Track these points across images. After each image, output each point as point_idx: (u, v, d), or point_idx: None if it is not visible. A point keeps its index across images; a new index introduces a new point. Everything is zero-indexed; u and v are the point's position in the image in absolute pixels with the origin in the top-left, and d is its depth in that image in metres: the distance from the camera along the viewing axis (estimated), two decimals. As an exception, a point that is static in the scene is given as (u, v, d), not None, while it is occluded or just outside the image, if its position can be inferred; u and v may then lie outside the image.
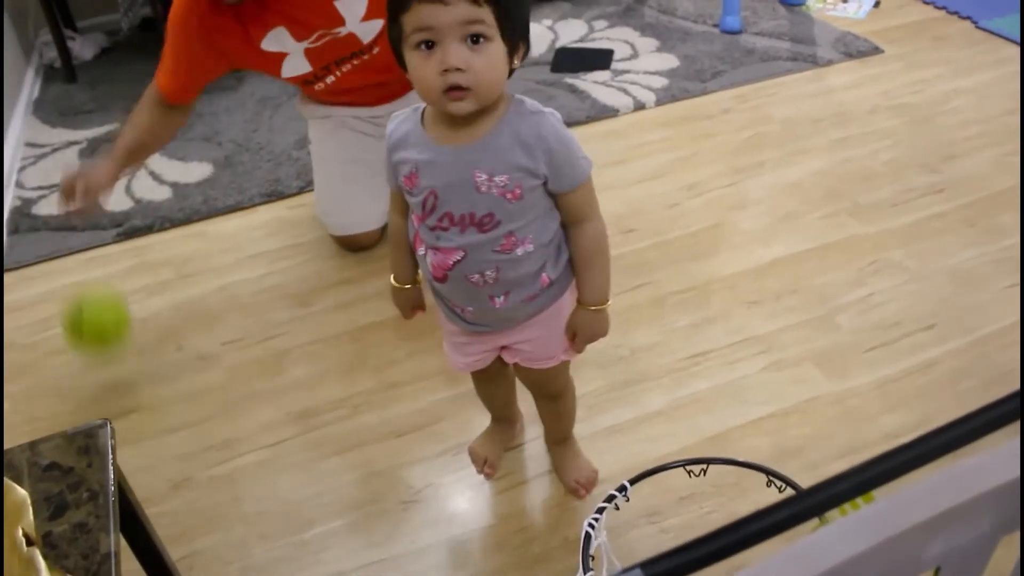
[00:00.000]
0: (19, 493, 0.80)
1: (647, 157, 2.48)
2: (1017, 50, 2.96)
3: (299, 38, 1.83)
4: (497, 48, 1.01)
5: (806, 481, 1.44)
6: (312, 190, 2.39)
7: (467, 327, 1.26)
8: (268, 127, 2.76)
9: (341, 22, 1.81)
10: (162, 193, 2.47)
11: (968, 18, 3.18)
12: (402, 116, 1.15)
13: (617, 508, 1.17)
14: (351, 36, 1.85)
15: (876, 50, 2.99)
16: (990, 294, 1.95)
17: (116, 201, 2.44)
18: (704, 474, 1.25)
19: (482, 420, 1.63)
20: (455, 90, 1.00)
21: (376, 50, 1.90)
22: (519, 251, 1.13)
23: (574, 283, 1.24)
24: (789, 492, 1.25)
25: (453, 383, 1.77)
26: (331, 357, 1.87)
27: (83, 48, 3.36)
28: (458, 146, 1.07)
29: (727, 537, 0.51)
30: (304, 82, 1.96)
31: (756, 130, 2.59)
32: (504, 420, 1.60)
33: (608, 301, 1.23)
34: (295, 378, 1.82)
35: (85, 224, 2.33)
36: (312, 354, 1.88)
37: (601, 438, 1.63)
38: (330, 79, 1.95)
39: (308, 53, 1.87)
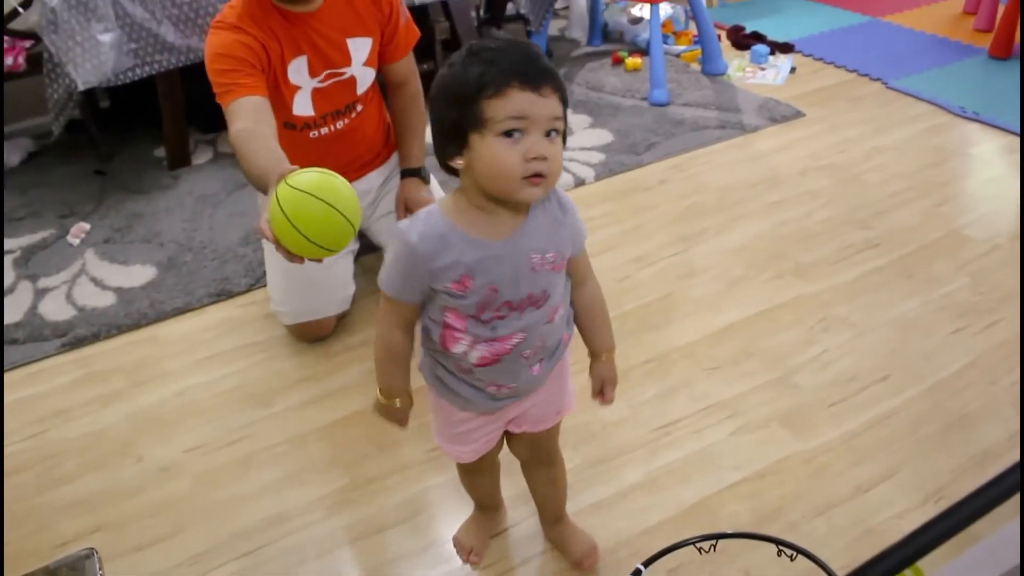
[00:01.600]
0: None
1: (593, 232, 2.53)
2: (927, 107, 3.13)
3: (313, 74, 1.95)
4: (560, 144, 1.06)
5: (794, 542, 1.46)
6: (263, 287, 2.37)
7: (490, 405, 1.25)
8: (209, 225, 2.74)
9: (348, 61, 1.98)
10: (106, 299, 2.41)
11: (879, 79, 3.36)
12: (423, 223, 1.09)
13: (631, 594, 1.17)
14: (352, 80, 2.01)
15: (798, 114, 3.13)
16: (936, 341, 2.02)
17: (57, 310, 2.37)
18: (714, 550, 1.26)
19: (463, 508, 1.61)
20: (535, 177, 1.03)
21: (360, 108, 2.09)
22: (556, 317, 1.19)
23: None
24: (801, 561, 1.26)
25: (429, 474, 1.75)
26: (300, 457, 1.83)
27: (9, 154, 3.29)
28: (508, 236, 1.10)
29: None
30: (304, 126, 2.02)
31: (695, 198, 2.67)
32: (489, 508, 1.59)
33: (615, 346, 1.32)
34: (264, 482, 1.78)
35: (26, 336, 2.26)
36: (280, 456, 1.84)
37: (585, 516, 1.62)
38: (324, 130, 2.05)
39: (314, 95, 1.98)
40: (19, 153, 3.34)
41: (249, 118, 1.75)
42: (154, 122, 3.17)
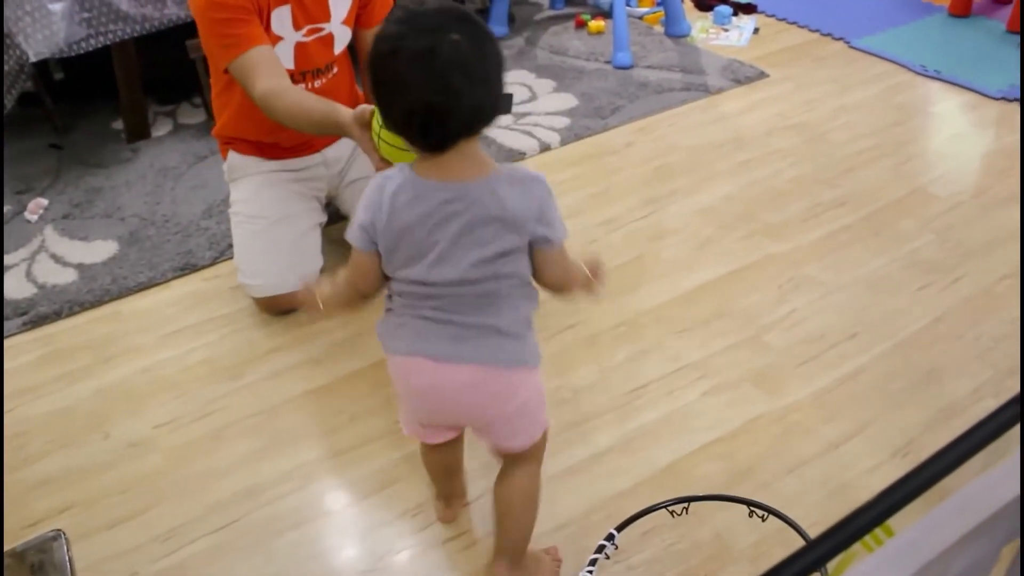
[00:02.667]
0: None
1: (561, 197, 2.47)
2: (890, 66, 3.14)
3: (296, 26, 1.94)
4: None
5: (766, 501, 1.48)
6: (227, 260, 2.33)
7: None
8: (171, 198, 2.68)
9: (328, 18, 1.97)
10: (67, 276, 2.36)
11: (841, 39, 3.37)
12: None
13: (607, 557, 1.17)
14: (330, 37, 2.01)
15: (762, 75, 3.12)
16: (904, 298, 2.04)
17: (17, 288, 2.32)
18: (686, 512, 1.26)
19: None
20: None
21: (336, 70, 2.08)
22: None
23: None
24: (773, 520, 1.27)
25: (401, 443, 1.74)
26: (272, 429, 1.82)
27: (-39, 131, 3.20)
28: None
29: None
30: None
31: (662, 161, 2.66)
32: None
33: None
34: (237, 455, 1.76)
35: None
36: (251, 428, 1.82)
37: (558, 481, 1.62)
38: (301, 87, 2.00)
39: (297, 49, 1.97)
40: (-29, 128, 3.25)
41: (269, 74, 1.82)
42: (111, 94, 3.09)
